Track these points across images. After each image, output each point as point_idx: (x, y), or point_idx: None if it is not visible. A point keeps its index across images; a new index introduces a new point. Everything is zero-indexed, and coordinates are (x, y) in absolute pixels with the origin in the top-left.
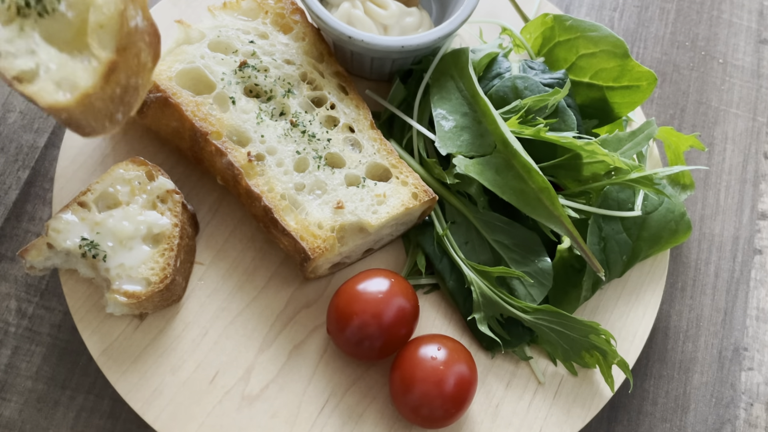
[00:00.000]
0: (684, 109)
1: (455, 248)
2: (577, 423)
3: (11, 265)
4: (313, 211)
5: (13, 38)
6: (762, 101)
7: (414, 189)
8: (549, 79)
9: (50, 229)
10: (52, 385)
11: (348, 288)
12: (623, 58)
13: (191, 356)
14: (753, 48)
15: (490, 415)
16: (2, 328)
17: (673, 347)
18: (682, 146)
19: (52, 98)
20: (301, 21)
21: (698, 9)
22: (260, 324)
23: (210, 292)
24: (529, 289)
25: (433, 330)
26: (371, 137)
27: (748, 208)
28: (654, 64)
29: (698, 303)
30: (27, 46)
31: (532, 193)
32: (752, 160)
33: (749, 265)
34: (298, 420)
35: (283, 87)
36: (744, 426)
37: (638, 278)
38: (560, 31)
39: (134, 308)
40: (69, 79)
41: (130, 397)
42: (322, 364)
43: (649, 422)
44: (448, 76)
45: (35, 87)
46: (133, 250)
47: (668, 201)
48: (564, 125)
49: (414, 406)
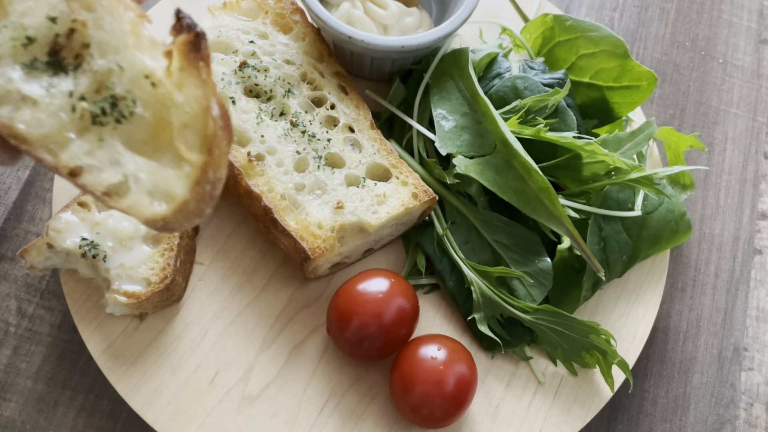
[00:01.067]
0: (684, 109)
1: (455, 248)
2: (577, 423)
3: (11, 265)
4: (313, 211)
5: (94, 150)
6: (762, 101)
7: (414, 189)
8: (549, 79)
9: (50, 229)
10: (52, 385)
11: (348, 288)
12: (623, 58)
13: (191, 356)
14: (753, 48)
15: (490, 415)
16: (2, 328)
17: (673, 347)
18: (682, 146)
19: (149, 211)
20: (301, 21)
21: (698, 9)
22: (260, 324)
23: (210, 292)
24: (529, 289)
25: (433, 330)
26: (371, 137)
27: (748, 208)
28: (654, 64)
29: (698, 303)
30: (110, 157)
31: (532, 193)
32: (752, 160)
33: (749, 265)
34: (298, 420)
35: (283, 87)
36: (744, 426)
37: (638, 278)
38: (560, 31)
39: (134, 308)
40: (161, 188)
41: (130, 397)
42: (322, 364)
43: (649, 422)
44: (448, 76)
45: (128, 201)
46: (133, 250)
47: (668, 201)
48: (564, 125)
49: (414, 406)
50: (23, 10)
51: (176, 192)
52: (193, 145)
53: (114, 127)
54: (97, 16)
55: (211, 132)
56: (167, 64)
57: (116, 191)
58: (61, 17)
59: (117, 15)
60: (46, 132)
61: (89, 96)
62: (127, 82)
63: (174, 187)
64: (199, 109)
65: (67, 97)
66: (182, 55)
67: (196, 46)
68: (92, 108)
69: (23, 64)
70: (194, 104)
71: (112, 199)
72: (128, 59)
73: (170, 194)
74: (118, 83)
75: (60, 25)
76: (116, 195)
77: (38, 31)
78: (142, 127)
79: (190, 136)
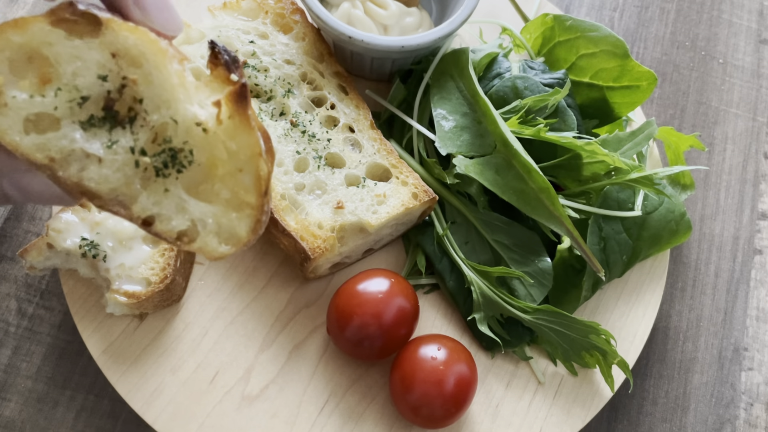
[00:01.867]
0: (684, 109)
1: (455, 248)
2: (577, 423)
3: (11, 265)
4: (313, 211)
5: (161, 200)
6: (762, 101)
7: (414, 189)
8: (549, 79)
9: (50, 229)
10: (52, 385)
11: (348, 288)
12: (623, 58)
13: (191, 356)
14: (753, 48)
15: (490, 415)
16: (2, 328)
17: (673, 347)
18: (682, 146)
19: (218, 253)
20: (301, 21)
21: (698, 9)
22: (260, 324)
23: (210, 292)
24: (529, 289)
25: (433, 330)
26: (371, 137)
27: (748, 208)
28: (654, 64)
29: (698, 303)
30: (176, 205)
31: (532, 193)
32: (752, 160)
33: (749, 265)
34: (298, 420)
35: (283, 87)
36: (744, 426)
37: (638, 278)
38: (560, 31)
39: (134, 308)
40: (226, 230)
41: (130, 397)
42: (322, 364)
43: (649, 422)
44: (448, 76)
45: (199, 244)
46: (133, 250)
47: (668, 201)
48: (564, 125)
49: (414, 406)
50: (74, 71)
51: (240, 233)
52: (250, 187)
53: (176, 176)
54: (144, 71)
55: (266, 174)
56: (217, 113)
57: (187, 235)
58: (110, 75)
59: (164, 69)
60: (115, 186)
61: (149, 148)
62: (183, 134)
63: (237, 228)
64: (252, 155)
65: (129, 152)
66: (231, 105)
67: (242, 95)
68: (154, 162)
69: (82, 123)
70: (247, 151)
71: (184, 242)
72: (181, 112)
73: (235, 235)
74: (174, 136)
75: (110, 82)
76: (187, 239)
77: (91, 89)
78: (198, 171)
79: (246, 180)
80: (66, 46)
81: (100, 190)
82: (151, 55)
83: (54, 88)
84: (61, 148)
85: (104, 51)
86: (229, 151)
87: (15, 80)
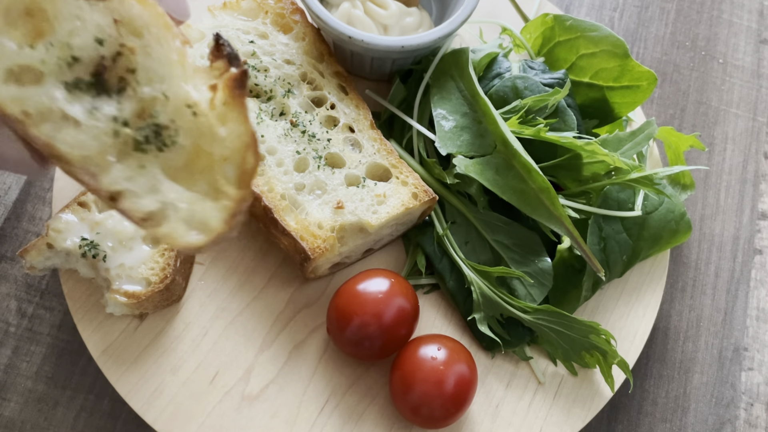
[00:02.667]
0: (684, 109)
1: (455, 248)
2: (577, 423)
3: (11, 265)
4: (313, 211)
5: (134, 176)
6: (762, 101)
7: (414, 189)
8: (549, 79)
9: (50, 229)
10: (52, 385)
11: (348, 288)
12: (623, 58)
13: (191, 356)
14: (753, 48)
15: (490, 415)
16: (2, 328)
17: (673, 347)
18: (682, 146)
19: (184, 241)
20: (301, 21)
21: (698, 9)
22: (260, 324)
23: (210, 292)
24: (529, 289)
25: (433, 330)
26: (371, 137)
27: (748, 208)
28: (654, 64)
29: (698, 303)
30: (150, 184)
31: (532, 193)
32: (752, 160)
33: (749, 265)
34: (298, 420)
35: (283, 87)
36: (744, 426)
37: (638, 278)
38: (560, 31)
39: (134, 308)
40: (198, 218)
41: (130, 397)
42: (322, 364)
43: (649, 422)
44: (448, 76)
45: (165, 229)
46: (133, 250)
47: (668, 201)
48: (564, 125)
49: (414, 406)
50: (71, 29)
51: (213, 224)
52: (232, 178)
53: (156, 155)
54: (145, 42)
55: (250, 167)
56: (211, 97)
57: (154, 218)
58: (108, 41)
59: (165, 44)
60: (88, 154)
61: (132, 121)
62: (171, 112)
63: (211, 218)
64: (240, 145)
65: (111, 121)
66: (228, 91)
67: (241, 83)
68: (136, 135)
69: (67, 84)
70: (236, 140)
71: (150, 225)
72: (173, 89)
73: (207, 225)
74: (162, 112)
75: (107, 48)
76: (154, 222)
77: (84, 51)
78: (180, 154)
79: (229, 170)
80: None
81: (71, 155)
82: (155, 28)
83: (45, 43)
84: (38, 104)
85: (107, 15)
86: (217, 138)
87: (7, 29)
